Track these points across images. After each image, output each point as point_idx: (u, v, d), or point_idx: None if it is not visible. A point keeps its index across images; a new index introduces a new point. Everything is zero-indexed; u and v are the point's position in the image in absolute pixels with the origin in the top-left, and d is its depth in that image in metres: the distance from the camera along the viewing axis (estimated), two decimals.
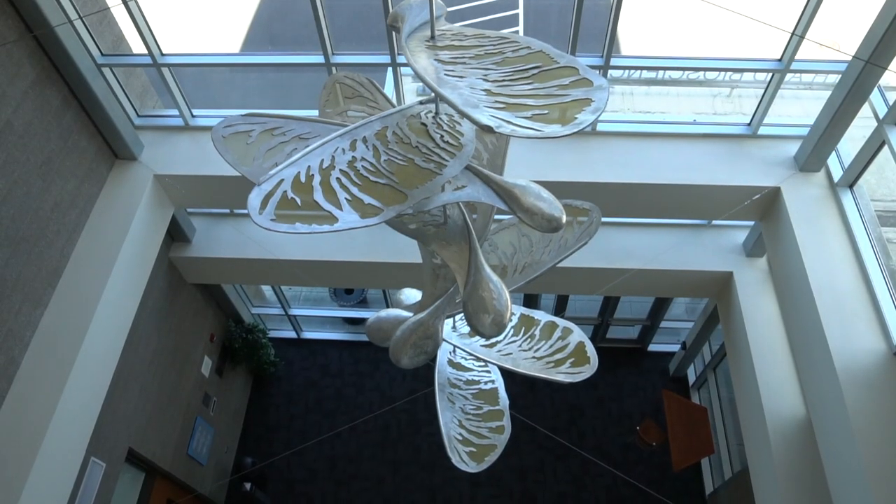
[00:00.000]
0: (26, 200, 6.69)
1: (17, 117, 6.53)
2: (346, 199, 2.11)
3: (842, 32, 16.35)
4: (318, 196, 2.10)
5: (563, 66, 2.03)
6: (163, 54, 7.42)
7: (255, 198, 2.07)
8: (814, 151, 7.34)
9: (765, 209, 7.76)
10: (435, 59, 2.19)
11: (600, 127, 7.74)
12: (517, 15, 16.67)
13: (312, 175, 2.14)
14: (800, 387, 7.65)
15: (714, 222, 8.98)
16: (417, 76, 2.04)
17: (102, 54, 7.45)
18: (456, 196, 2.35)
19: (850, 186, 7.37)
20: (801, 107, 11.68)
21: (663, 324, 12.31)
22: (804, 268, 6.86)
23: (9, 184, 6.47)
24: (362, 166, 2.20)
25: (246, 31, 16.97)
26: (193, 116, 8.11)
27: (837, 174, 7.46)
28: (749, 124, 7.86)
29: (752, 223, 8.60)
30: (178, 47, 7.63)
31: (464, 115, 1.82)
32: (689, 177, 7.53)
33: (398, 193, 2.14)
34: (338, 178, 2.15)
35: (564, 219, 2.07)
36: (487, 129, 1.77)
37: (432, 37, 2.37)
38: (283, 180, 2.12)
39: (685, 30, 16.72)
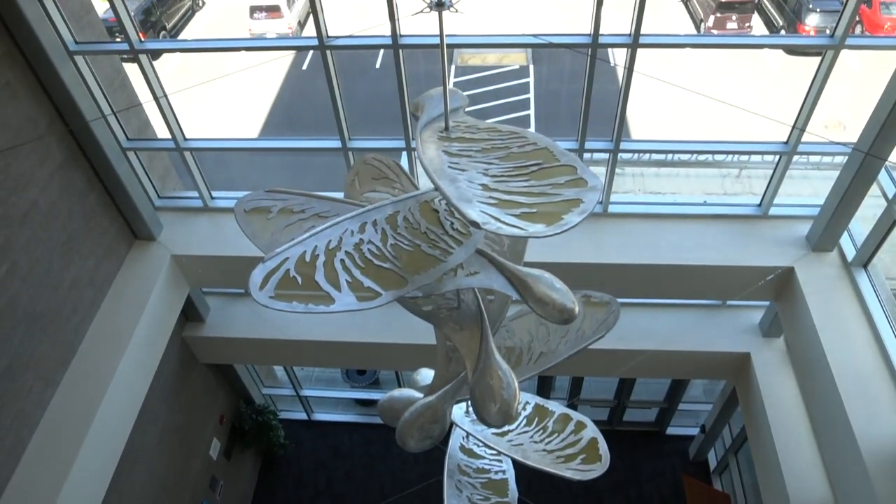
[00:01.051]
0: (46, 278, 6.80)
1: (44, 198, 6.73)
2: (346, 280, 2.14)
3: (848, 111, 16.69)
4: (320, 276, 2.14)
5: (563, 164, 2.09)
6: (186, 139, 7.68)
7: (257, 274, 2.11)
8: (825, 231, 7.35)
9: (779, 289, 7.71)
10: (443, 151, 2.26)
11: (612, 209, 7.84)
12: (528, 99, 17.26)
13: (318, 255, 2.19)
14: (825, 472, 7.36)
15: (729, 302, 8.91)
16: (422, 166, 2.12)
17: (128, 139, 7.73)
18: (468, 282, 2.37)
19: (865, 266, 7.33)
20: (810, 186, 11.78)
21: (681, 406, 12.00)
22: (823, 349, 6.74)
23: (30, 262, 6.59)
24: (368, 249, 2.25)
25: (267, 112, 17.62)
26: (213, 198, 8.31)
27: (851, 254, 7.44)
28: (759, 205, 7.92)
29: (767, 303, 8.52)
30: (200, 128, 7.90)
31: (455, 208, 1.88)
32: (703, 257, 7.53)
33: (399, 279, 2.17)
34: (342, 260, 2.20)
35: (577, 310, 2.07)
36: (475, 225, 1.82)
37: (446, 128, 2.46)
38: (287, 258, 2.16)
39: (693, 112, 17.14)
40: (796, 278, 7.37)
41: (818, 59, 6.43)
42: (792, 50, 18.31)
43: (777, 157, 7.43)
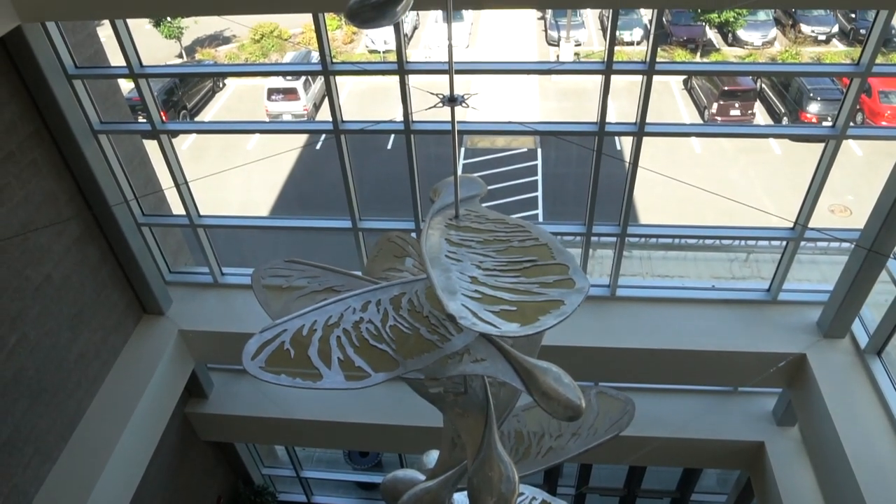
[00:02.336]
0: (53, 351, 6.79)
1: (58, 271, 6.82)
2: (338, 358, 2.15)
3: (853, 195, 16.86)
4: (313, 351, 2.15)
5: (557, 263, 2.11)
6: (200, 215, 7.83)
7: (252, 343, 2.13)
8: (836, 318, 7.30)
9: (792, 376, 7.58)
10: (446, 239, 2.31)
11: (620, 292, 7.85)
12: (536, 181, 17.58)
13: (315, 330, 2.21)
14: None
15: (741, 389, 8.74)
16: (419, 251, 2.16)
17: (144, 214, 7.89)
18: (473, 368, 2.36)
19: (879, 353, 7.23)
20: (818, 271, 11.78)
21: (695, 496, 11.56)
22: (839, 439, 6.56)
23: (39, 335, 6.61)
24: (366, 328, 2.26)
25: (279, 189, 17.99)
26: (223, 274, 8.39)
27: (863, 340, 7.36)
28: (768, 290, 7.90)
29: (780, 390, 8.36)
30: (213, 203, 8.06)
31: (438, 298, 1.90)
32: (713, 343, 7.46)
33: (392, 361, 2.17)
34: (338, 337, 2.21)
35: (583, 407, 2.04)
36: (451, 318, 1.84)
37: (456, 216, 2.52)
38: (285, 330, 2.18)
39: (701, 194, 17.39)
40: (809, 366, 7.27)
41: (822, 144, 6.57)
42: (796, 136, 18.68)
43: (784, 242, 7.47)
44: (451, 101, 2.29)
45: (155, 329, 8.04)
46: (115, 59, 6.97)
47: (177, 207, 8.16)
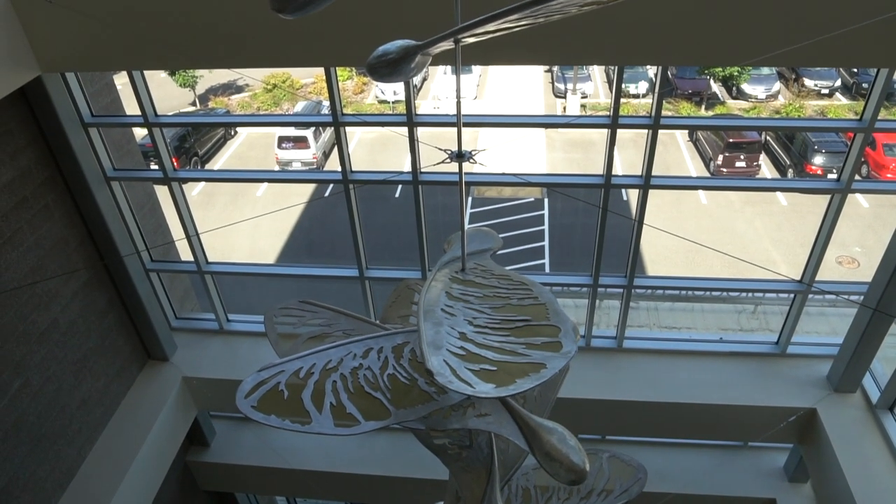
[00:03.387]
0: (56, 397, 6.76)
1: (64, 316, 6.84)
2: (330, 402, 2.15)
3: (860, 246, 16.82)
4: (306, 394, 2.16)
5: (550, 324, 2.11)
6: (208, 262, 7.88)
7: (248, 382, 2.13)
8: (846, 372, 7.21)
9: (803, 431, 7.44)
10: (446, 292, 2.32)
11: (627, 344, 7.79)
12: (543, 231, 17.66)
13: (312, 373, 2.22)
14: None
15: (751, 444, 8.57)
16: (416, 302, 2.17)
17: (153, 260, 7.95)
18: (475, 423, 2.34)
19: (891, 409, 7.10)
20: (827, 324, 11.67)
21: None
22: (853, 498, 6.40)
23: (42, 381, 6.59)
24: (364, 375, 2.26)
25: (287, 235, 18.13)
26: (229, 321, 8.39)
27: (875, 395, 7.24)
28: (777, 342, 7.83)
29: (790, 445, 8.19)
30: (221, 248, 8.12)
31: (421, 352, 1.91)
32: (721, 396, 7.36)
33: (383, 410, 2.16)
34: (334, 382, 2.21)
35: (587, 470, 2.00)
36: (428, 374, 1.84)
37: (462, 269, 2.53)
38: (283, 371, 2.18)
39: (708, 243, 17.40)
40: (820, 421, 7.14)
41: (827, 196, 6.61)
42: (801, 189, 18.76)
43: (792, 295, 7.44)
44: (459, 156, 2.33)
45: (159, 375, 8.01)
46: (131, 106, 7.15)
47: (185, 253, 8.23)
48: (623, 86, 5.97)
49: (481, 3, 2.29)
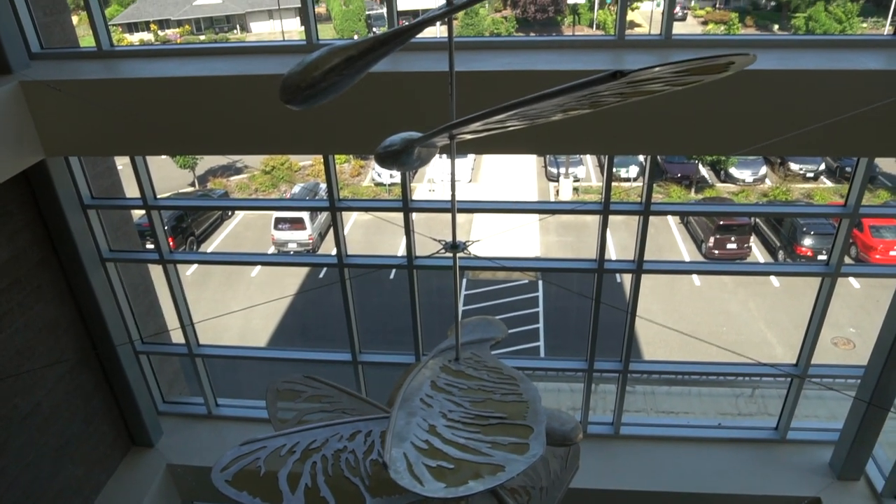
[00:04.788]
0: (31, 486, 6.50)
1: (48, 400, 6.68)
2: (305, 484, 2.11)
3: (855, 327, 16.80)
4: (283, 473, 2.13)
5: (524, 424, 2.08)
6: (199, 345, 7.79)
7: (228, 455, 2.10)
8: (848, 459, 7.05)
9: None
10: (432, 381, 2.30)
11: (624, 431, 7.64)
12: (538, 313, 17.63)
13: (294, 452, 2.18)
14: None
15: None
16: (397, 385, 2.16)
17: (143, 342, 7.86)
18: None
19: None
20: (826, 408, 11.50)
21: None
22: None
23: (19, 469, 6.36)
24: (346, 459, 2.22)
25: (280, 316, 18.01)
26: (217, 405, 8.22)
27: (879, 483, 7.06)
28: (776, 428, 7.69)
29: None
30: (213, 331, 8.05)
31: (382, 440, 1.89)
32: (721, 485, 7.16)
33: (359, 497, 2.12)
34: (314, 463, 2.17)
35: None
36: (383, 465, 1.82)
37: (456, 358, 2.52)
38: (265, 447, 2.13)
39: (703, 324, 17.36)
40: None
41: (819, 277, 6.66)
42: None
43: (789, 379, 7.37)
44: (454, 247, 2.36)
45: (142, 463, 7.75)
46: (130, 186, 7.25)
47: (176, 334, 8.15)
48: (614, 170, 6.14)
49: (478, 101, 2.38)
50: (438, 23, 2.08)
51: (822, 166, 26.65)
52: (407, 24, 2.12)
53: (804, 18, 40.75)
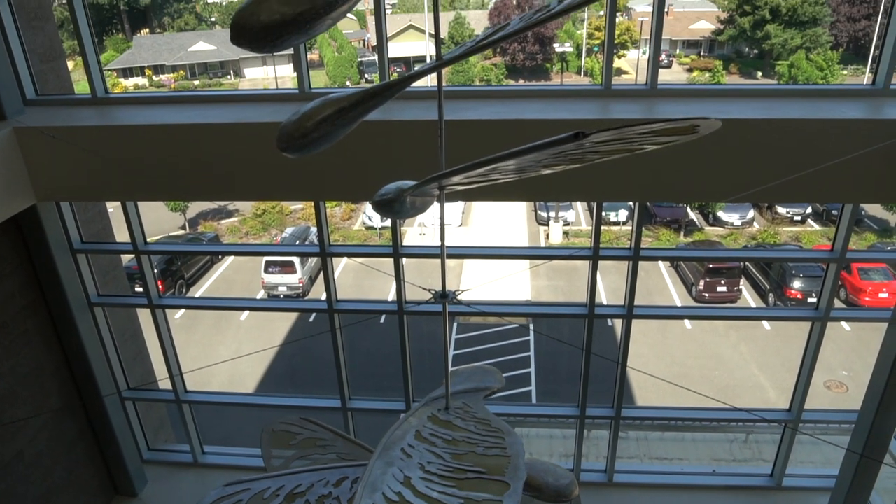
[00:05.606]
0: None
1: (31, 448, 6.53)
2: None
3: (847, 370, 16.77)
4: None
5: (502, 480, 2.04)
6: (186, 391, 7.68)
7: (210, 496, 2.06)
8: None
9: None
10: (417, 431, 2.27)
11: (617, 478, 7.53)
12: (529, 357, 17.53)
13: (278, 495, 2.14)
14: None
15: None
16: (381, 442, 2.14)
17: (129, 388, 7.75)
18: None
19: None
20: (821, 454, 11.39)
21: None
22: None
23: None
24: None
25: (269, 361, 17.80)
26: (204, 453, 8.06)
27: None
28: (771, 475, 7.60)
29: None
30: (201, 377, 7.94)
31: (356, 490, 1.87)
32: None
33: None
34: None
35: None
36: None
37: (446, 408, 2.50)
38: (248, 490, 2.09)
39: (696, 367, 17.29)
40: None
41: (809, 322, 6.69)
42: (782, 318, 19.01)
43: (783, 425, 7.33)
44: (443, 297, 2.36)
45: None
46: (120, 229, 7.23)
47: (163, 380, 8.03)
48: (603, 214, 6.21)
49: (468, 149, 2.42)
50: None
51: (809, 209, 27.04)
52: (397, 77, 2.17)
53: (787, 66, 41.90)
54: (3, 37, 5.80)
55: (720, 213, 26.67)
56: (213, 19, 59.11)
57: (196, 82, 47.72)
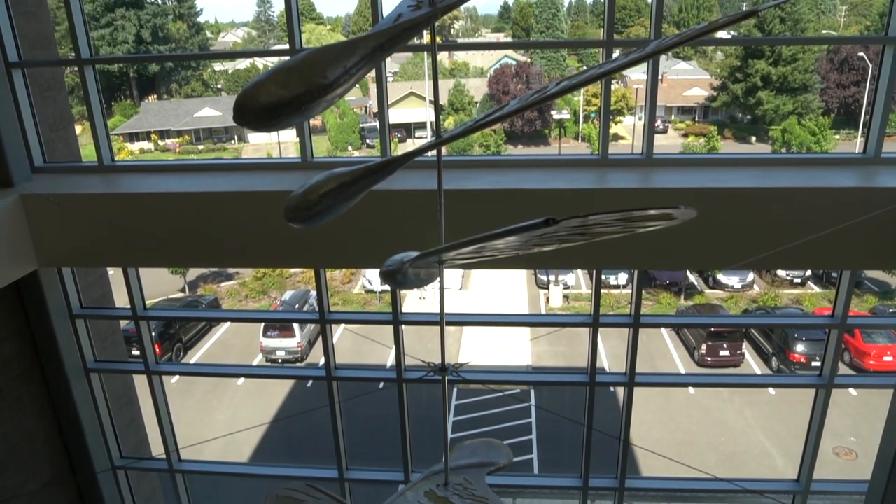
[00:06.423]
0: None
1: None
2: None
3: (855, 436, 16.42)
4: None
5: None
6: (180, 460, 7.51)
7: None
8: None
9: None
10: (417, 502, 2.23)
11: None
12: (531, 424, 17.22)
13: None
14: None
15: None
16: None
17: (122, 457, 7.57)
18: None
19: None
20: None
21: None
22: None
23: None
24: None
25: (265, 427, 17.47)
26: None
27: None
28: None
29: None
30: (195, 437, 7.76)
31: None
32: None
33: None
34: None
35: None
36: None
37: (445, 483, 2.45)
38: None
39: (702, 433, 16.95)
40: None
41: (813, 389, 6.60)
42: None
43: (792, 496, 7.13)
44: (443, 370, 2.36)
45: None
46: (120, 292, 7.20)
47: (157, 448, 7.86)
48: (603, 277, 6.23)
49: (468, 219, 2.45)
50: (429, 139, 2.20)
51: (809, 272, 27.10)
52: (399, 154, 2.23)
53: (780, 131, 42.83)
54: (15, 107, 5.96)
55: (720, 277, 26.73)
56: (219, 86, 60.80)
57: (201, 147, 48.67)
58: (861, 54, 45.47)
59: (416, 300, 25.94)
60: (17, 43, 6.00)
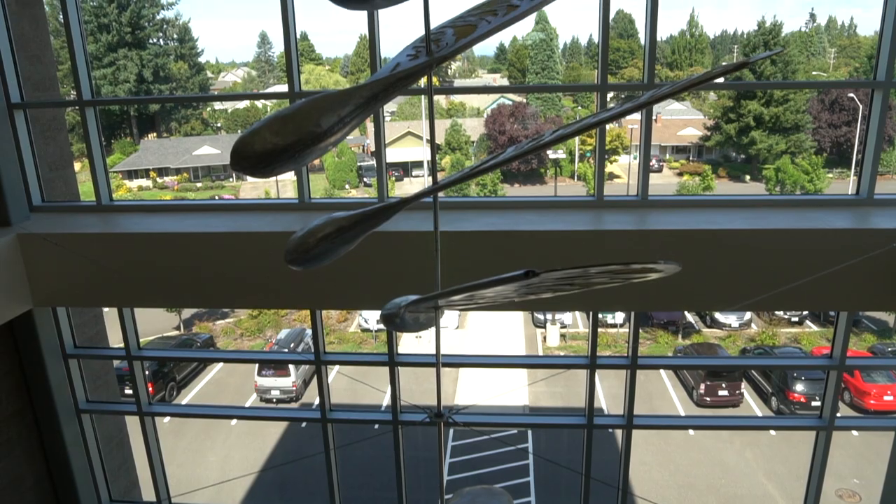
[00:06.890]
0: None
1: None
2: None
3: (858, 478, 16.18)
4: None
5: None
6: (171, 502, 7.36)
7: None
8: None
9: None
10: None
11: None
12: (528, 466, 16.96)
13: None
14: None
15: None
16: None
17: (112, 500, 7.42)
18: None
19: None
20: None
21: None
22: None
23: None
24: None
25: (259, 467, 17.18)
26: None
27: None
28: None
29: None
30: (188, 483, 7.61)
31: None
32: None
33: None
34: None
35: None
36: None
37: None
38: None
39: (701, 484, 16.68)
40: None
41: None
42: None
43: None
44: (438, 416, 2.33)
45: None
46: (114, 330, 7.13)
47: (147, 491, 7.70)
48: (600, 316, 6.21)
49: (464, 260, 2.46)
50: (426, 177, 2.22)
51: (806, 311, 27.08)
52: (397, 199, 2.26)
53: (774, 170, 43.30)
54: (16, 147, 6.01)
55: (717, 316, 26.67)
56: (218, 125, 61.41)
57: (199, 184, 48.92)
58: (851, 95, 46.31)
59: (412, 339, 25.79)
60: (20, 84, 6.08)
